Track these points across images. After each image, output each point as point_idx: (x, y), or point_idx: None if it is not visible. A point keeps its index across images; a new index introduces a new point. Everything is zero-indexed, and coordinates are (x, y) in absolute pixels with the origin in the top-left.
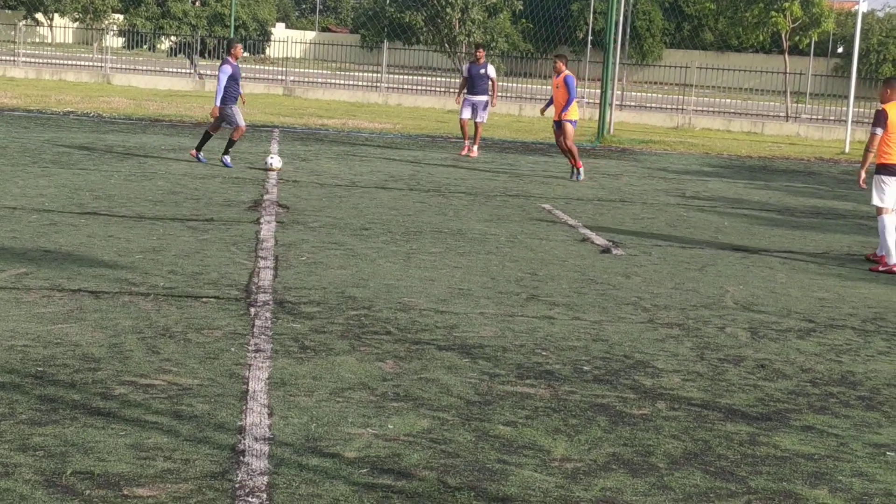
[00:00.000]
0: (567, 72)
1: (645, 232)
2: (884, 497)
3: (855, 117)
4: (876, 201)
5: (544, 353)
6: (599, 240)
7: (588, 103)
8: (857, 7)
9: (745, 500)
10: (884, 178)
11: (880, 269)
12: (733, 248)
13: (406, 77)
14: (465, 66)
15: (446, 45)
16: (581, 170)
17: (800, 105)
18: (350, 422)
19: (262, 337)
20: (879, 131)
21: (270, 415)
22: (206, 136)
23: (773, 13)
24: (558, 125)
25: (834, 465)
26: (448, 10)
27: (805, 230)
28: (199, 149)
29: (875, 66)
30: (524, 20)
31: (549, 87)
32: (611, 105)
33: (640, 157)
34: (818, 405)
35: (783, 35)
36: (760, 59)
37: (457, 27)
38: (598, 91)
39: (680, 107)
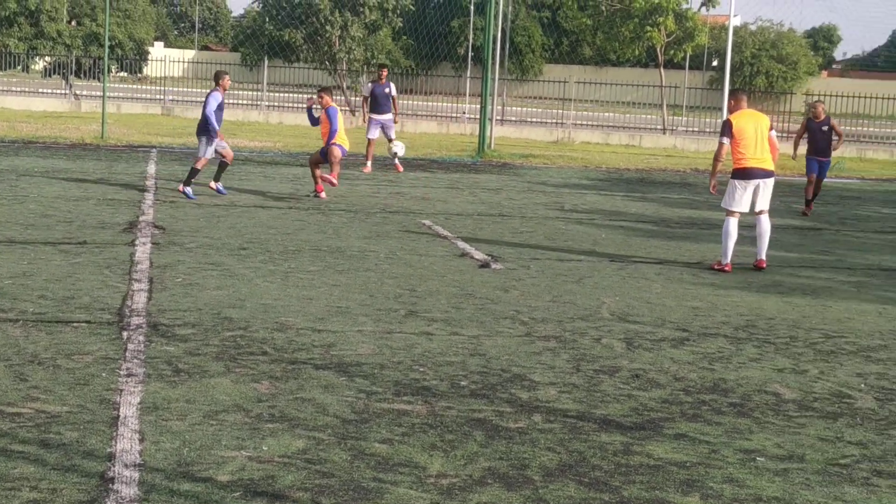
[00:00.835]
0: (332, 104)
1: (524, 245)
2: (753, 502)
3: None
4: (726, 204)
5: (422, 370)
6: (478, 254)
7: (469, 119)
8: (729, 21)
9: None
10: (737, 182)
11: (714, 266)
12: (610, 260)
13: (287, 95)
14: (367, 86)
15: (327, 62)
16: (321, 193)
17: (676, 117)
18: (224, 444)
19: (135, 361)
20: (726, 140)
21: (142, 440)
22: (223, 166)
23: (649, 28)
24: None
25: (705, 472)
26: (328, 27)
27: (680, 240)
28: (217, 179)
29: (749, 78)
30: (405, 37)
31: (429, 103)
32: (491, 120)
33: (521, 172)
34: (691, 413)
35: (658, 49)
36: (637, 73)
37: (337, 44)
38: (479, 106)
39: (560, 121)
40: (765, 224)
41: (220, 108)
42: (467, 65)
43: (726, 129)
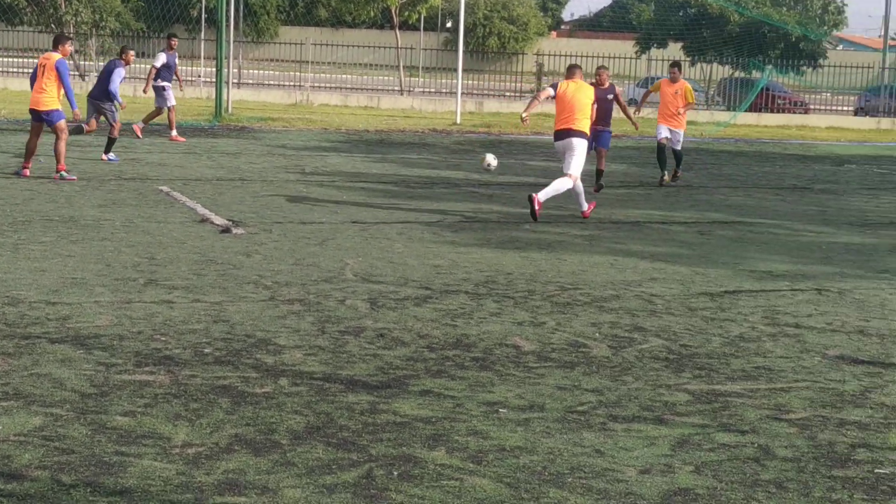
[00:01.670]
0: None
1: (265, 209)
2: (497, 452)
3: (464, 90)
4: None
5: (164, 339)
6: (219, 220)
7: (205, 82)
8: None
9: (367, 469)
10: (557, 143)
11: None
12: (352, 222)
13: (11, 60)
14: (161, 56)
15: (53, 25)
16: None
17: (413, 79)
18: None
19: None
20: (552, 91)
21: None
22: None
23: None
24: None
25: (451, 426)
26: None
27: (420, 200)
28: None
29: (482, 39)
30: None
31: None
32: (227, 83)
33: (260, 135)
34: (435, 369)
35: (393, 11)
36: (374, 35)
37: (63, 7)
38: (214, 70)
39: (298, 83)
40: (566, 183)
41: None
42: (201, 27)
43: (554, 86)
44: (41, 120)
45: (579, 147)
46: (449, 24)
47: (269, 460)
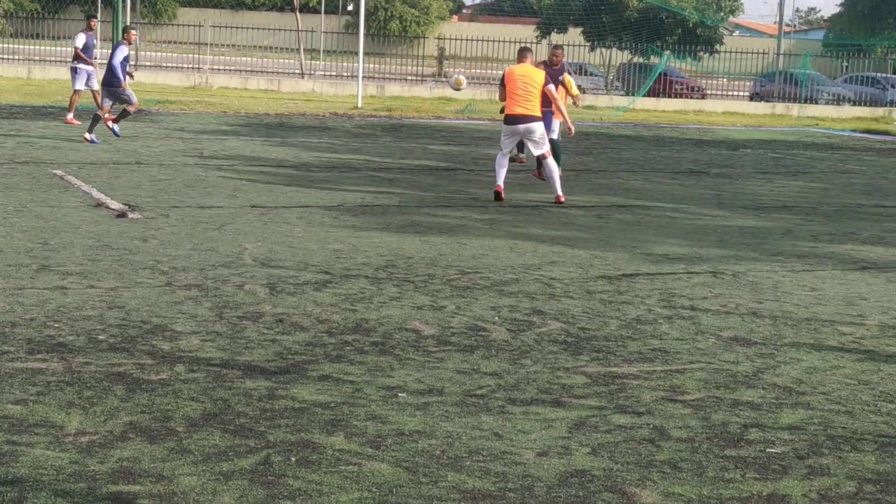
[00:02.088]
0: None
1: (162, 194)
2: (396, 436)
3: (366, 73)
4: (502, 146)
5: (57, 326)
6: (115, 204)
7: (101, 65)
8: None
9: (264, 455)
10: (505, 128)
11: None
12: (251, 206)
13: None
14: (80, 36)
15: None
16: None
17: (314, 62)
18: None
19: None
20: (501, 87)
21: None
22: (124, 114)
23: None
24: None
25: (349, 411)
26: None
27: (321, 184)
28: (91, 130)
29: (384, 23)
30: None
31: (58, 49)
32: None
33: (157, 118)
34: (334, 354)
35: None
36: (274, 18)
37: None
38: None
39: (196, 66)
40: (551, 165)
41: (125, 59)
42: (97, 8)
43: (502, 78)
44: None
45: (539, 130)
46: (350, 7)
47: (164, 448)
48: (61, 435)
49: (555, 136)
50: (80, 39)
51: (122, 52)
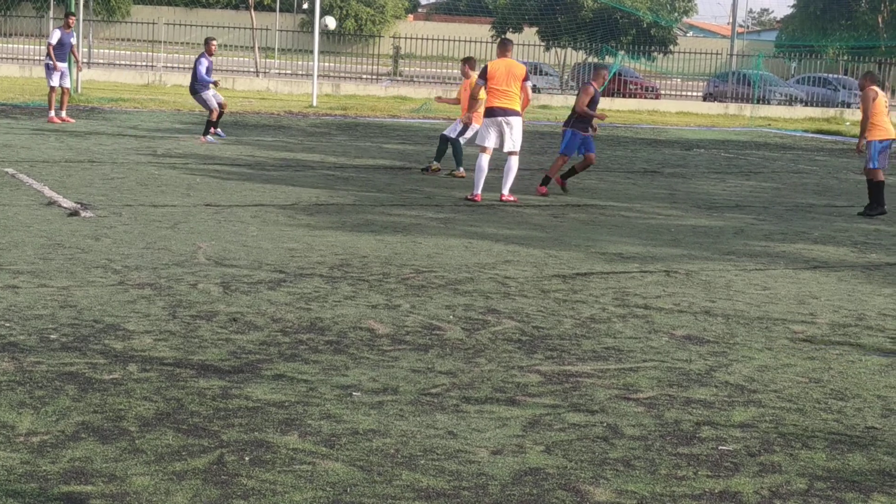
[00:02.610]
0: None
1: (115, 192)
2: (350, 436)
3: (321, 72)
4: (479, 141)
5: (8, 325)
6: (67, 203)
7: (86, 63)
8: None
9: (218, 454)
10: (486, 120)
11: (468, 197)
12: (205, 205)
13: None
14: (56, 33)
15: None
16: None
17: (269, 60)
18: None
19: None
20: (482, 83)
21: None
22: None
23: None
24: None
25: (304, 410)
26: None
27: (275, 183)
28: (206, 134)
29: (339, 22)
30: None
31: (10, 45)
32: (77, 63)
33: (110, 116)
34: (289, 353)
35: None
36: (229, 16)
37: None
38: None
39: (150, 64)
40: (512, 163)
41: (208, 70)
42: (49, 5)
43: (483, 72)
44: None
45: (517, 124)
46: (305, 6)
47: (116, 448)
48: (12, 435)
49: (454, 135)
50: (55, 36)
51: (202, 63)
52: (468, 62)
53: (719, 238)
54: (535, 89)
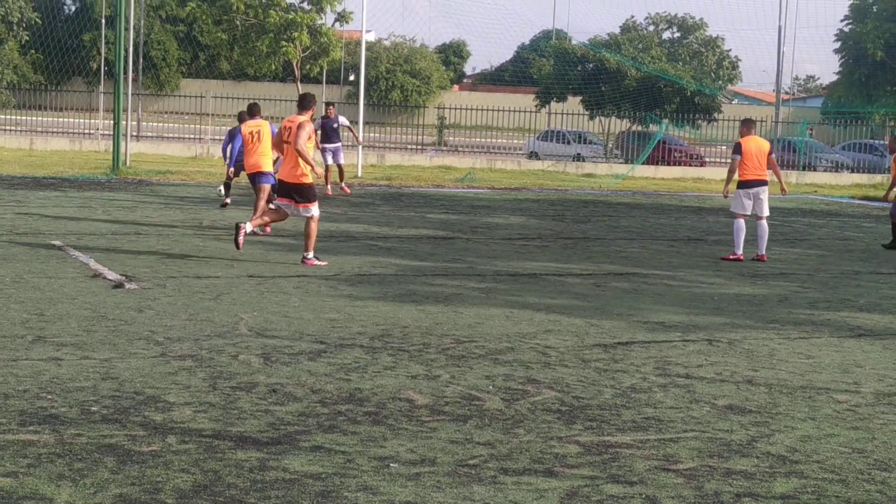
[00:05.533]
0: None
1: (160, 264)
2: None
3: (366, 142)
4: (734, 208)
5: (50, 397)
6: (112, 275)
7: (103, 135)
8: (362, 36)
9: None
10: (741, 191)
11: (730, 258)
12: (248, 276)
13: None
14: (317, 121)
15: None
16: None
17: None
18: None
19: None
20: (737, 157)
21: None
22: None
23: (284, 43)
24: None
25: (341, 482)
26: None
27: (318, 254)
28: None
29: (385, 93)
30: (33, 51)
31: (61, 120)
32: (126, 136)
33: (158, 188)
34: (327, 424)
35: (295, 64)
36: (276, 88)
37: None
38: (112, 122)
39: (197, 136)
40: (764, 227)
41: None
42: (100, 79)
43: (738, 148)
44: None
45: (764, 193)
46: (352, 78)
47: None
48: None
49: None
50: (317, 124)
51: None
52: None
53: (763, 306)
54: (580, 158)
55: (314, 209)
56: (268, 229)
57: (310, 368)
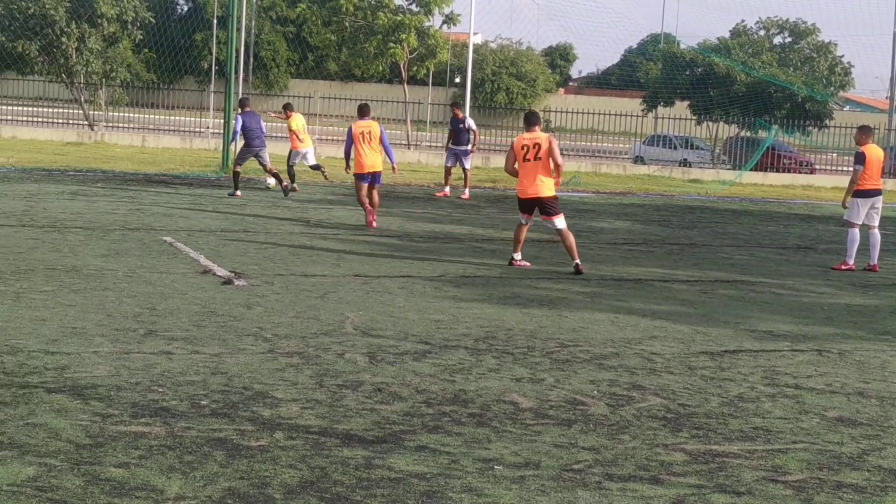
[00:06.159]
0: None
1: (268, 262)
2: None
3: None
4: (849, 216)
5: (161, 390)
6: (221, 271)
7: (213, 134)
8: (469, 39)
9: None
10: (859, 200)
11: (842, 267)
12: (354, 275)
13: (21, 108)
14: (449, 120)
15: (63, 75)
16: None
17: (420, 133)
18: None
19: None
20: (860, 167)
21: None
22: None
23: (392, 44)
24: None
25: (445, 483)
26: (64, 39)
27: (423, 254)
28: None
29: (490, 95)
30: (146, 50)
31: (172, 118)
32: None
33: (265, 188)
34: (432, 425)
35: (402, 65)
36: (383, 89)
37: (73, 57)
38: (223, 121)
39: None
40: (876, 236)
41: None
42: (211, 79)
43: (860, 158)
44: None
45: (880, 202)
46: (458, 80)
47: None
48: (161, 499)
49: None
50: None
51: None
52: None
53: (874, 317)
54: (687, 163)
55: (559, 221)
56: (374, 223)
57: (414, 369)
